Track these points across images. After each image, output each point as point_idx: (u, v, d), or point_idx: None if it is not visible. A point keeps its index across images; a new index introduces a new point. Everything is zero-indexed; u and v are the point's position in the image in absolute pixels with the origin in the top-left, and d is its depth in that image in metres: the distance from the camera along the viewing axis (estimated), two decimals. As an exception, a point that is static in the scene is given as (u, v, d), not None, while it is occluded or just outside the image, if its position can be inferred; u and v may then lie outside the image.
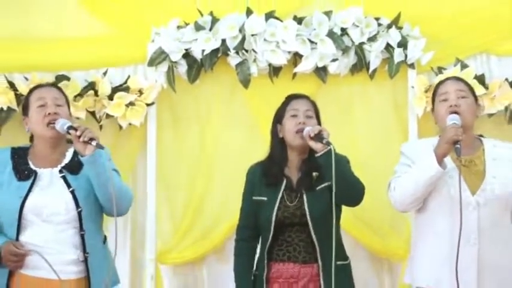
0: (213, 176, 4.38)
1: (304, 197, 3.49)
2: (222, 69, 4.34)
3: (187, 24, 4.32)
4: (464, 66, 4.28)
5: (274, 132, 3.65)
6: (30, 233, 3.23)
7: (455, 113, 3.36)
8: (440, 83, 3.57)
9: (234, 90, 4.38)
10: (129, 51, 4.37)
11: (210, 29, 4.29)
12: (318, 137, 3.39)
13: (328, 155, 3.33)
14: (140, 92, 4.28)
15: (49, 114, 3.29)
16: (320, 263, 3.45)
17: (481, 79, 4.22)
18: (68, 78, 4.21)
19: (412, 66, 4.32)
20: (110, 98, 4.23)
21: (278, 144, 3.62)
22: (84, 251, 3.25)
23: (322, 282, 3.42)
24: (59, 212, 3.23)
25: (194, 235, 4.34)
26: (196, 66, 4.31)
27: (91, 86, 4.20)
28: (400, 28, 4.32)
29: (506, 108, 4.26)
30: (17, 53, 4.28)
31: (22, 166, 3.31)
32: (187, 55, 4.30)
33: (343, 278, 3.49)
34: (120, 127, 4.27)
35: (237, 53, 4.27)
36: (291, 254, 3.48)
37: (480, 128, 3.80)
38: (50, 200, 3.24)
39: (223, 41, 4.27)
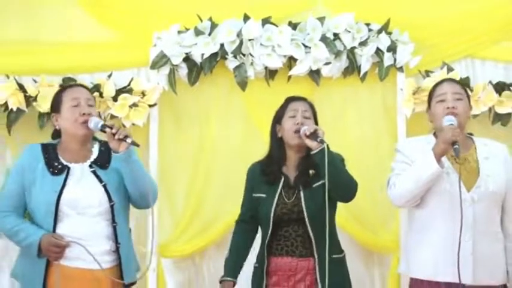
0: (212, 173, 4.41)
1: (301, 194, 3.51)
2: (221, 72, 4.38)
3: (187, 29, 4.35)
4: (450, 69, 4.33)
5: (273, 132, 3.66)
6: (66, 226, 3.26)
7: (452, 114, 3.39)
8: (437, 84, 3.59)
9: (232, 92, 4.41)
10: (132, 55, 4.41)
11: (209, 34, 4.32)
12: (313, 135, 3.42)
13: (322, 153, 3.37)
14: (143, 93, 4.31)
15: (83, 114, 3.32)
16: (316, 257, 3.47)
17: (465, 82, 4.23)
18: (74, 81, 4.23)
19: (401, 69, 4.37)
20: (114, 99, 4.27)
21: (277, 143, 3.63)
22: (116, 241, 3.29)
23: (318, 275, 3.45)
24: (92, 205, 3.27)
25: (194, 229, 4.37)
26: (196, 69, 4.35)
27: (96, 88, 4.22)
28: (389, 33, 4.36)
29: (490, 109, 4.32)
30: (26, 56, 4.31)
31: (54, 161, 3.33)
32: (187, 59, 4.33)
33: (338, 271, 3.53)
34: (124, 127, 4.27)
35: (235, 56, 4.30)
36: (288, 248, 3.51)
37: (465, 128, 3.80)
38: (84, 193, 3.28)
39: (222, 45, 4.30)
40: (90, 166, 3.35)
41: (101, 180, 3.31)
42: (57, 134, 3.45)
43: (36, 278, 3.24)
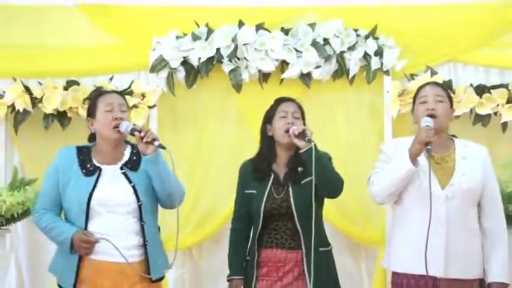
0: (209, 171, 4.46)
1: (290, 190, 3.54)
2: (217, 75, 4.43)
3: (185, 34, 4.40)
4: (433, 73, 4.36)
5: (264, 132, 3.68)
6: (97, 223, 3.31)
7: (432, 115, 3.40)
8: (421, 87, 3.59)
9: (227, 94, 4.46)
10: (132, 59, 4.47)
11: (206, 39, 4.38)
12: (302, 135, 3.45)
13: (310, 152, 3.40)
14: (143, 95, 4.37)
15: (116, 118, 3.35)
16: (304, 249, 3.50)
17: (448, 84, 4.26)
18: (77, 83, 4.32)
19: (387, 73, 4.42)
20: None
21: (267, 142, 3.66)
22: (144, 238, 3.34)
23: (305, 266, 3.49)
24: (122, 204, 3.31)
25: (192, 224, 4.41)
26: (194, 73, 4.40)
27: None
28: (376, 39, 4.41)
29: (471, 110, 4.36)
30: (32, 60, 4.39)
31: (87, 163, 3.38)
32: (185, 62, 4.38)
33: (325, 263, 3.57)
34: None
35: (230, 60, 4.36)
36: (278, 240, 3.55)
37: (447, 129, 3.81)
38: (114, 193, 3.32)
39: (218, 49, 4.36)
40: (121, 168, 3.38)
41: (130, 181, 3.35)
42: (92, 137, 3.49)
43: (70, 272, 3.31)
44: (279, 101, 3.71)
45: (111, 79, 4.40)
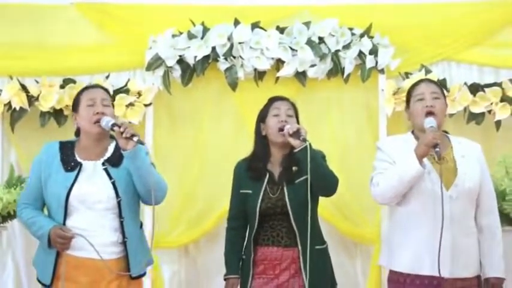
0: (205, 169, 4.46)
1: (285, 189, 3.52)
2: (213, 73, 4.44)
3: (181, 33, 4.40)
4: (428, 71, 4.38)
5: (258, 131, 3.65)
6: (75, 218, 3.29)
7: (431, 113, 3.38)
8: (415, 84, 3.56)
9: (223, 93, 4.47)
10: (129, 58, 4.47)
11: (202, 38, 4.39)
12: (296, 134, 3.42)
13: (304, 151, 3.38)
14: (139, 93, 4.37)
15: (97, 113, 3.33)
16: (300, 247, 3.49)
17: (442, 83, 4.28)
18: (74, 82, 4.31)
19: (382, 71, 4.42)
20: (112, 99, 4.20)
21: (261, 141, 3.63)
22: (123, 235, 3.31)
23: (301, 264, 3.47)
24: (101, 200, 3.29)
25: (188, 221, 4.43)
26: (189, 71, 4.40)
27: None
28: (371, 37, 4.41)
29: (465, 108, 4.37)
30: (29, 59, 4.39)
31: (69, 158, 3.35)
32: (181, 61, 4.39)
33: (320, 261, 3.55)
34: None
35: (226, 59, 4.36)
36: (274, 238, 3.53)
37: (442, 126, 3.83)
38: (94, 189, 3.29)
39: (214, 48, 4.36)
40: (103, 164, 3.36)
41: (110, 177, 3.33)
42: (78, 132, 3.47)
43: (48, 267, 3.30)
44: (272, 100, 3.70)
45: (107, 77, 4.41)
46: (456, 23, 4.49)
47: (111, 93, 4.25)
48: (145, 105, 4.41)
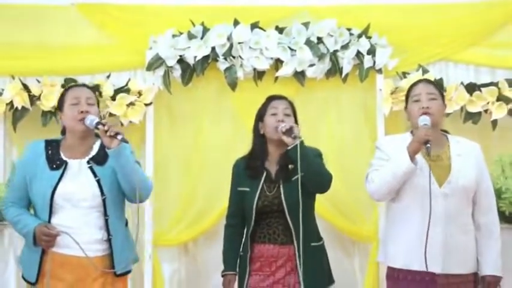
0: (204, 167, 4.47)
1: (281, 187, 3.53)
2: (212, 73, 4.45)
3: (181, 33, 4.42)
4: (425, 71, 4.39)
5: (256, 130, 3.67)
6: (60, 216, 3.29)
7: (427, 114, 3.40)
8: (413, 85, 3.58)
9: (222, 92, 4.48)
10: (129, 58, 4.50)
11: (202, 38, 4.41)
12: (289, 132, 3.44)
13: (296, 149, 3.41)
14: (139, 93, 4.39)
15: (81, 112, 3.32)
16: (295, 244, 3.50)
17: (439, 83, 4.27)
18: (75, 81, 4.29)
19: (379, 71, 4.43)
20: (113, 98, 4.34)
21: (259, 140, 3.65)
22: (108, 233, 3.31)
23: (297, 261, 3.50)
24: (86, 199, 3.29)
25: (187, 220, 4.44)
26: (189, 71, 4.42)
27: (96, 88, 4.25)
28: (369, 38, 4.43)
29: (461, 108, 4.38)
30: (30, 59, 4.41)
31: (54, 156, 3.35)
32: (181, 61, 4.41)
33: (317, 258, 3.57)
34: (122, 124, 4.35)
35: (225, 59, 4.38)
36: (271, 236, 3.55)
37: (440, 126, 3.79)
38: (78, 187, 3.29)
39: (213, 48, 4.38)
40: (88, 162, 3.35)
41: (95, 176, 3.32)
42: (64, 131, 3.47)
43: (33, 265, 3.31)
44: (270, 99, 3.71)
45: (108, 77, 4.42)
46: (454, 24, 4.50)
47: (112, 92, 4.36)
48: (146, 105, 4.42)
